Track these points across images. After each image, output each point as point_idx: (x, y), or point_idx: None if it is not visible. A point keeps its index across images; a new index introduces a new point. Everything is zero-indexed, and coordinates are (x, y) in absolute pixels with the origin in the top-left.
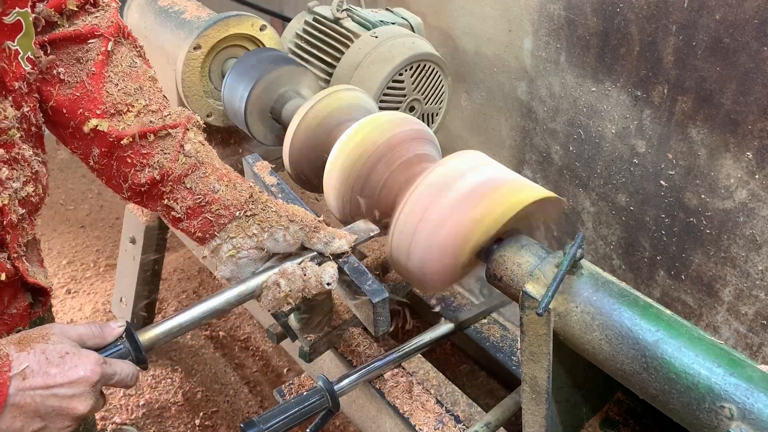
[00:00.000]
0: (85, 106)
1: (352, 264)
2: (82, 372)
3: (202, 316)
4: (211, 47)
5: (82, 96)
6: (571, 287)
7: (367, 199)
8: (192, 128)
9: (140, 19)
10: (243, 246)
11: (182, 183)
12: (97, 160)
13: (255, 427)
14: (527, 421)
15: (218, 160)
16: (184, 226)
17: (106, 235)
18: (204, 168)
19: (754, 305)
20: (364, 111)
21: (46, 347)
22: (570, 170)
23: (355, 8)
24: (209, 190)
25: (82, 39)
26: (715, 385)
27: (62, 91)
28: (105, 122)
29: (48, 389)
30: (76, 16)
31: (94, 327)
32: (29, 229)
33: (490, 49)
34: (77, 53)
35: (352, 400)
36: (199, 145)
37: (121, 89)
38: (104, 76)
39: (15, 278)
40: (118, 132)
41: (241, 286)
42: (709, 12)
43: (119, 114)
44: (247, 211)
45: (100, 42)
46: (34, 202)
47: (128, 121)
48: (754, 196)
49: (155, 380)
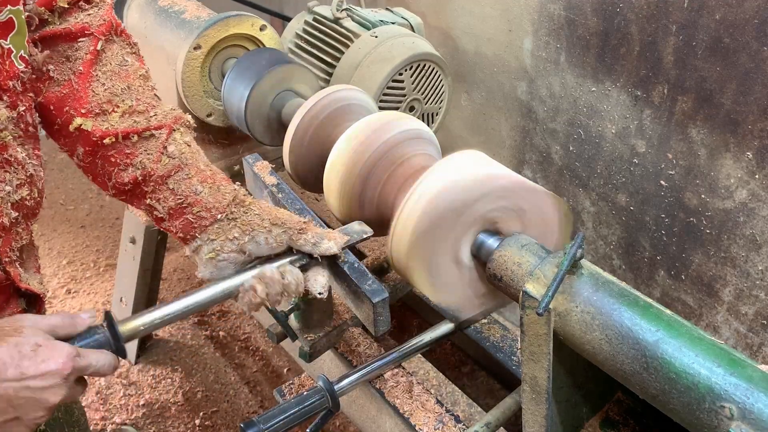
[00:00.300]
0: (71, 105)
1: (352, 264)
2: (53, 365)
3: (183, 310)
4: (211, 47)
5: (68, 94)
6: (571, 287)
7: (368, 199)
8: (179, 129)
9: (140, 19)
10: (223, 249)
11: (165, 184)
12: (81, 158)
13: (255, 427)
14: (527, 421)
15: (204, 161)
16: (166, 225)
17: (106, 235)
18: (187, 169)
19: (754, 305)
20: (364, 111)
21: (19, 340)
22: (570, 170)
23: (355, 8)
24: (191, 191)
25: (72, 37)
26: (715, 385)
27: (51, 88)
28: (90, 121)
29: (20, 381)
30: (69, 13)
31: (65, 317)
32: (24, 233)
33: (490, 49)
34: (67, 51)
35: (352, 400)
36: (184, 146)
37: (108, 89)
38: (91, 75)
39: (6, 284)
40: (101, 131)
41: (223, 283)
42: (709, 12)
43: (104, 114)
44: (228, 214)
45: (89, 41)
46: (29, 206)
47: (113, 121)
48: (754, 196)
49: (155, 380)
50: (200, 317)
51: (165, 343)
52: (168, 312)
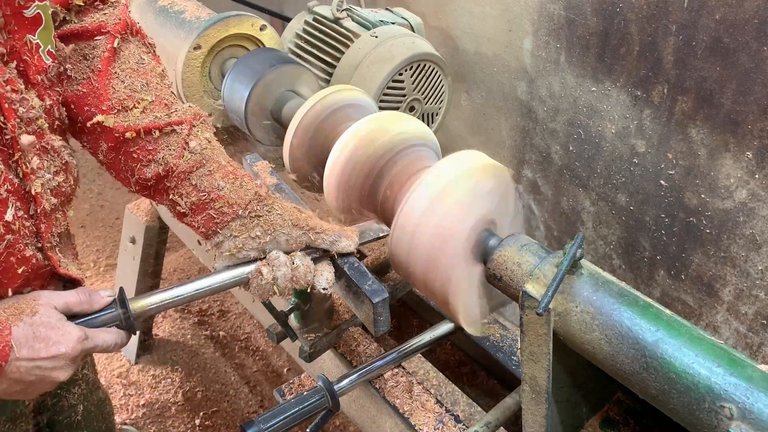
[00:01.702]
0: (92, 103)
1: (352, 264)
2: (64, 349)
3: (194, 293)
4: (211, 47)
5: (88, 92)
6: (571, 287)
7: (368, 199)
8: (198, 125)
9: (140, 19)
10: (245, 246)
11: (187, 179)
12: (105, 154)
13: (255, 427)
14: (527, 421)
15: (225, 157)
16: (189, 221)
17: (106, 235)
18: (209, 165)
19: (754, 305)
20: (364, 111)
21: (33, 320)
22: (570, 170)
23: (355, 8)
24: (213, 187)
25: (88, 35)
26: (715, 385)
27: (69, 87)
28: (111, 118)
29: (32, 361)
30: (85, 13)
31: (82, 294)
32: (62, 219)
33: (490, 49)
34: (84, 50)
35: (352, 400)
36: (205, 141)
37: (128, 85)
38: (110, 72)
39: (47, 269)
40: (123, 127)
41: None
42: (709, 12)
43: (125, 110)
44: (251, 211)
45: (106, 39)
46: (65, 193)
47: (134, 117)
48: (754, 195)
49: (155, 380)
50: (200, 317)
51: (165, 343)
52: (178, 294)
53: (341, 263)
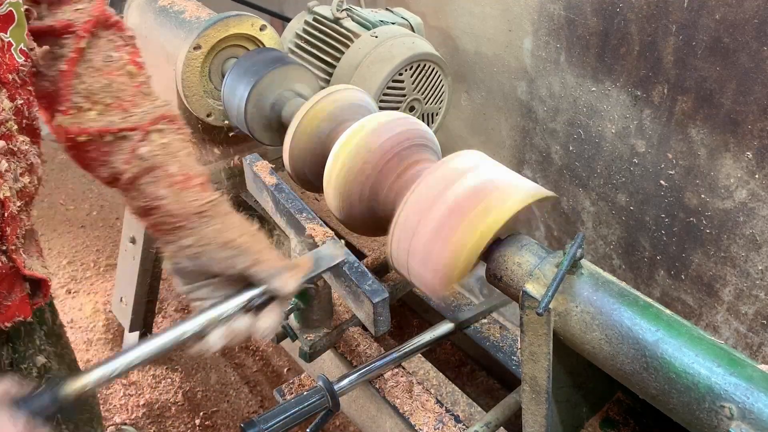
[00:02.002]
0: (54, 101)
1: (352, 264)
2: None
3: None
4: (211, 47)
5: (52, 92)
6: (571, 287)
7: (368, 199)
8: (158, 128)
9: (140, 19)
10: (176, 255)
11: (132, 185)
12: (66, 152)
13: (255, 427)
14: (527, 421)
15: (180, 164)
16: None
17: (106, 235)
18: (156, 173)
19: (754, 305)
20: (364, 111)
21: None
22: (570, 170)
23: (355, 8)
24: (155, 196)
25: (56, 34)
26: (715, 385)
27: (39, 83)
28: (68, 119)
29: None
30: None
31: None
32: (27, 220)
33: (490, 49)
34: (54, 48)
35: (352, 400)
36: (159, 148)
37: (87, 86)
38: (73, 73)
39: (12, 271)
40: (78, 129)
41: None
42: (709, 12)
43: (81, 111)
44: (189, 223)
45: (73, 39)
46: (30, 193)
47: (89, 120)
48: (754, 195)
49: (155, 380)
50: None
51: None
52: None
53: (340, 264)
